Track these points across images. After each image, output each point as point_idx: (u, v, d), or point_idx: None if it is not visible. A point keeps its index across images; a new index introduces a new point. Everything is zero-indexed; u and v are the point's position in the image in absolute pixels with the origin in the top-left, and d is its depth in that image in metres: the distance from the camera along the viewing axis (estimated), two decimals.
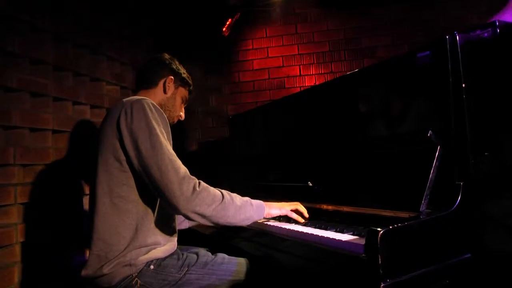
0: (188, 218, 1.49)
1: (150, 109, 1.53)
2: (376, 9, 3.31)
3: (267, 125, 2.50)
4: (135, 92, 1.88)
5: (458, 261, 1.28)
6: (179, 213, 1.48)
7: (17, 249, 1.89)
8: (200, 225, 2.07)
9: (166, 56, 1.90)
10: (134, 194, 1.53)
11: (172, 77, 1.86)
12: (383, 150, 1.57)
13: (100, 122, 2.38)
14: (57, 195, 2.12)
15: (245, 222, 1.60)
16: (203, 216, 1.48)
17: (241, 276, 1.62)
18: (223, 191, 1.56)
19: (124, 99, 1.61)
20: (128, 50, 2.84)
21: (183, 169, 1.49)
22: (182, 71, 1.91)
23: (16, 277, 1.88)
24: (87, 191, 2.32)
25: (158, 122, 1.53)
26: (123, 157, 1.50)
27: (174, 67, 1.88)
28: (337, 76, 3.31)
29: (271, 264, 1.68)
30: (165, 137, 1.53)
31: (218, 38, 3.18)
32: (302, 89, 3.38)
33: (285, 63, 3.48)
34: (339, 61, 3.38)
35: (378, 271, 1.12)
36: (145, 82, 1.85)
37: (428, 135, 1.34)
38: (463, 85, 1.33)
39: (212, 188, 1.52)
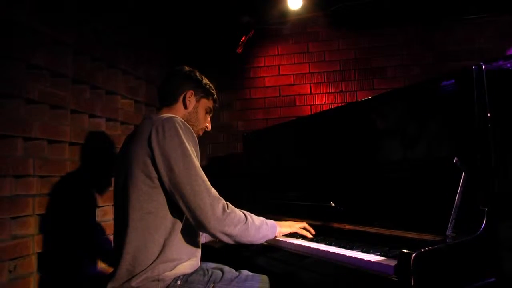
0: (213, 236, 1.54)
1: (181, 128, 1.55)
2: (386, 30, 3.39)
3: (284, 143, 2.54)
4: (158, 110, 1.87)
5: (483, 284, 1.32)
6: (207, 232, 1.52)
7: (34, 259, 1.89)
8: (212, 241, 2.09)
9: (185, 68, 1.86)
10: (163, 210, 1.55)
11: (192, 91, 1.82)
12: (406, 174, 1.61)
13: (114, 135, 2.45)
14: (71, 206, 2.12)
15: (262, 241, 1.68)
16: (229, 236, 1.53)
17: None
18: (244, 211, 1.62)
19: (152, 116, 1.63)
20: (142, 64, 2.87)
21: (213, 189, 1.53)
22: (204, 81, 1.87)
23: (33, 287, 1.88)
24: (100, 203, 2.34)
25: (189, 141, 1.56)
26: (154, 175, 1.52)
27: (195, 79, 1.84)
28: (347, 95, 3.38)
29: (294, 282, 1.71)
30: (196, 156, 1.56)
31: (230, 54, 3.23)
32: (317, 108, 3.47)
33: (296, 81, 3.53)
34: (349, 81, 3.44)
35: None
36: (166, 99, 1.83)
37: (454, 161, 1.39)
38: (488, 114, 1.38)
39: (237, 209, 1.58)
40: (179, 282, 1.54)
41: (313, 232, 1.83)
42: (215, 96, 1.95)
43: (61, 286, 2.03)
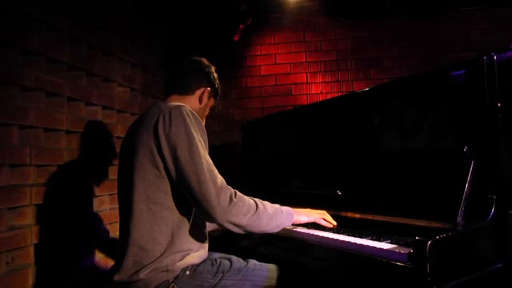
0: (222, 227, 1.50)
1: (189, 117, 1.52)
2: (383, 20, 3.40)
3: (286, 132, 2.53)
4: (167, 95, 1.82)
5: (492, 270, 1.34)
6: (215, 222, 1.48)
7: (31, 251, 1.85)
8: (212, 230, 2.08)
9: (206, 63, 1.86)
10: (170, 201, 1.52)
11: (210, 89, 1.84)
12: (415, 163, 1.63)
13: (111, 124, 2.41)
14: (68, 196, 2.09)
15: (276, 230, 1.62)
16: (238, 226, 1.49)
17: (273, 282, 1.63)
18: (256, 199, 1.57)
19: (160, 104, 1.59)
20: (138, 52, 2.82)
21: (220, 178, 1.49)
22: (217, 82, 1.89)
23: (31, 279, 1.84)
24: (97, 192, 2.30)
25: (197, 130, 1.53)
26: (160, 164, 1.49)
27: (212, 77, 1.85)
28: (343, 84, 3.39)
29: (301, 270, 1.71)
30: (203, 145, 1.53)
31: (227, 43, 3.20)
32: (313, 97, 3.48)
33: (292, 70, 3.53)
34: (345, 70, 3.45)
35: (426, 279, 1.17)
36: (180, 87, 1.80)
37: (464, 150, 1.40)
38: (498, 104, 1.40)
39: (246, 198, 1.53)
40: (188, 273, 1.52)
41: (334, 223, 1.77)
42: (218, 98, 1.98)
43: (59, 277, 1.99)
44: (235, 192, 1.51)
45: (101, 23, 2.39)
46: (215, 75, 1.88)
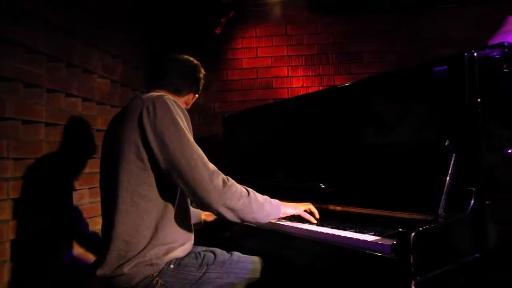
0: (218, 213, 1.48)
1: (173, 105, 1.51)
2: (364, 16, 3.44)
3: (268, 126, 2.54)
4: (152, 88, 1.78)
5: (470, 260, 1.39)
6: (210, 208, 1.46)
7: (7, 247, 1.81)
8: (197, 223, 2.07)
9: (201, 69, 1.90)
10: (154, 193, 1.50)
11: (197, 95, 1.90)
12: (397, 156, 1.66)
13: (91, 116, 2.37)
14: (46, 190, 2.05)
15: (265, 219, 1.61)
16: (233, 210, 1.48)
17: (257, 274, 1.65)
18: (246, 187, 1.57)
19: (142, 96, 1.57)
20: (119, 43, 2.77)
21: (211, 164, 1.49)
22: (202, 84, 1.92)
23: (6, 276, 1.80)
24: (76, 186, 2.26)
25: (182, 118, 1.52)
26: (145, 156, 1.47)
27: (201, 83, 1.89)
28: (324, 78, 3.42)
29: (285, 263, 1.73)
30: (189, 132, 1.52)
31: (208, 35, 3.17)
32: (294, 91, 3.49)
33: (273, 64, 3.54)
34: (326, 64, 3.48)
35: (410, 270, 1.20)
36: (169, 86, 1.78)
37: (446, 144, 1.44)
38: (478, 99, 1.44)
39: (237, 184, 1.53)
40: (172, 266, 1.52)
41: (317, 215, 1.78)
42: None
43: (37, 274, 1.95)
44: (227, 178, 1.50)
45: (81, 12, 2.33)
46: (203, 79, 1.92)
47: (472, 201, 1.40)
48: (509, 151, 1.54)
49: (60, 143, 2.13)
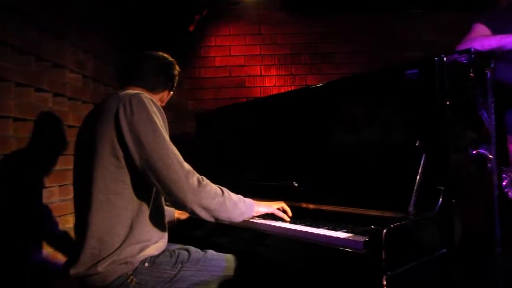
0: (192, 212, 1.49)
1: (149, 103, 1.51)
2: (336, 17, 3.51)
3: (241, 124, 2.54)
4: (126, 84, 1.77)
5: (437, 255, 1.45)
6: (185, 207, 1.47)
7: None
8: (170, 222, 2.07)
9: (177, 67, 1.90)
10: (129, 191, 1.50)
11: (172, 92, 1.91)
12: (369, 156, 1.71)
13: (62, 111, 2.31)
14: (15, 187, 1.99)
15: (239, 218, 1.64)
16: (208, 209, 1.50)
17: (231, 272, 1.66)
18: (220, 186, 1.59)
19: (118, 93, 1.56)
20: (91, 37, 2.71)
21: (186, 163, 1.50)
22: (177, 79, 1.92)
23: None
24: (46, 183, 2.21)
25: (158, 116, 1.52)
26: (120, 154, 1.46)
27: (175, 80, 1.90)
28: (297, 78, 3.48)
29: (259, 260, 1.75)
30: (166, 131, 1.53)
31: (182, 32, 3.15)
32: (267, 90, 3.53)
33: (246, 63, 3.56)
34: (299, 64, 3.53)
35: (382, 265, 1.24)
36: (144, 82, 1.77)
37: (417, 144, 1.50)
38: (447, 102, 1.50)
39: (212, 183, 1.55)
40: (146, 264, 1.52)
41: (290, 213, 1.81)
42: None
43: (3, 276, 1.88)
44: (202, 177, 1.52)
45: (52, 3, 2.27)
46: (178, 76, 1.92)
47: (440, 200, 1.46)
48: (474, 152, 1.62)
49: (29, 139, 2.07)
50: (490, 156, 1.59)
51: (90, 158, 1.49)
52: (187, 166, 1.49)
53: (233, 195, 1.62)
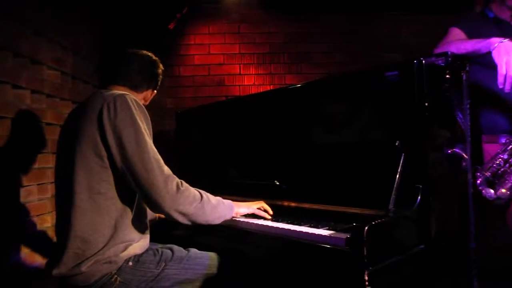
0: (169, 216, 1.51)
1: (134, 105, 1.51)
2: (315, 17, 3.54)
3: (221, 123, 2.55)
4: (109, 83, 1.77)
5: (416, 251, 1.50)
6: (162, 211, 1.49)
7: None
8: (152, 220, 2.07)
9: (160, 65, 1.92)
10: (113, 191, 1.50)
11: (155, 91, 1.92)
12: (350, 155, 1.76)
13: (40, 109, 2.27)
14: None
15: (219, 221, 1.66)
16: (185, 214, 1.52)
17: (214, 269, 1.68)
18: (200, 190, 1.61)
19: (103, 92, 1.55)
20: (70, 34, 2.66)
21: (166, 167, 1.51)
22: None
23: None
24: (24, 182, 2.16)
25: (142, 119, 1.52)
26: (104, 153, 1.46)
27: (159, 79, 1.92)
28: (275, 77, 3.50)
29: (242, 258, 1.77)
30: (149, 134, 1.53)
31: (162, 30, 3.13)
32: (246, 89, 3.55)
33: (226, 61, 3.56)
34: (278, 63, 3.56)
35: (363, 261, 1.29)
36: (128, 81, 1.78)
37: (396, 144, 1.55)
38: (426, 103, 1.56)
39: (191, 188, 1.56)
40: (130, 263, 1.52)
41: (271, 212, 1.84)
42: None
43: None
44: (181, 182, 1.53)
45: None
46: (162, 75, 1.95)
47: (419, 198, 1.51)
48: (449, 151, 1.69)
49: (7, 137, 2.02)
50: (465, 155, 1.66)
51: (73, 157, 1.48)
52: (167, 170, 1.50)
53: (212, 198, 1.64)
